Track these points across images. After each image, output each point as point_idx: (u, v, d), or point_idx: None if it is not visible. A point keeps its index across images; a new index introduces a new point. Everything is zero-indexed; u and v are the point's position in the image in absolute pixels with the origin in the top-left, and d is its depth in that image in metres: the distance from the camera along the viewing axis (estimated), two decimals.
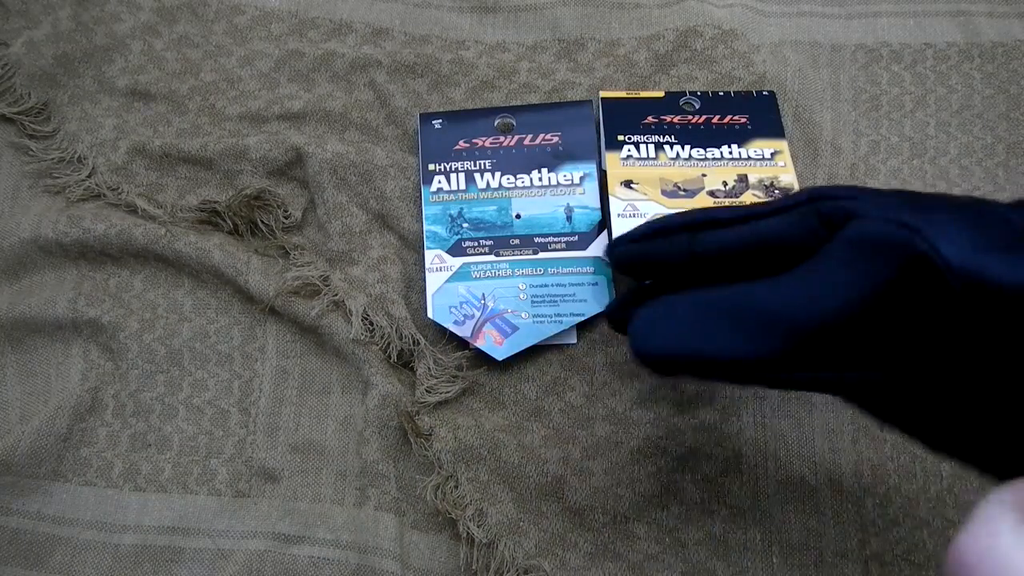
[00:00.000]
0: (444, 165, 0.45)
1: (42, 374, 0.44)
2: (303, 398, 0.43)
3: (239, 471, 0.42)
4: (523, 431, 0.41)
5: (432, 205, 0.45)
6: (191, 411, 0.43)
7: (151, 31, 0.49)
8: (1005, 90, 0.47)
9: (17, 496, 0.42)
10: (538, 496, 0.40)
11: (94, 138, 0.47)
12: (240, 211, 0.45)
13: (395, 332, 0.42)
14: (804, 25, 0.50)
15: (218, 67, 0.49)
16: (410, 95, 0.48)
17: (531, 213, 0.44)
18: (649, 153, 0.45)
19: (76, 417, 0.43)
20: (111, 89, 0.48)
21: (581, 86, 0.48)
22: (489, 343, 0.42)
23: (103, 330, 0.44)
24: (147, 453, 0.43)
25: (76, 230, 0.44)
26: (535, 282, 0.43)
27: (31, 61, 0.47)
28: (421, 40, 0.50)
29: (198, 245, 0.44)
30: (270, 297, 0.43)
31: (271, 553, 0.40)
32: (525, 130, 0.46)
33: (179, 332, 0.44)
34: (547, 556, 0.39)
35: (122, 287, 0.45)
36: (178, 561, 0.40)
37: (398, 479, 0.41)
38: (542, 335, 0.42)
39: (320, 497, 0.41)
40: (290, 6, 0.50)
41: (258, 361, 0.44)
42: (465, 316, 0.42)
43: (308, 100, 0.48)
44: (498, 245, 0.44)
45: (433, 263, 0.43)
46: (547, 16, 0.50)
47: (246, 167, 0.46)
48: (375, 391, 0.42)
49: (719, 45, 0.48)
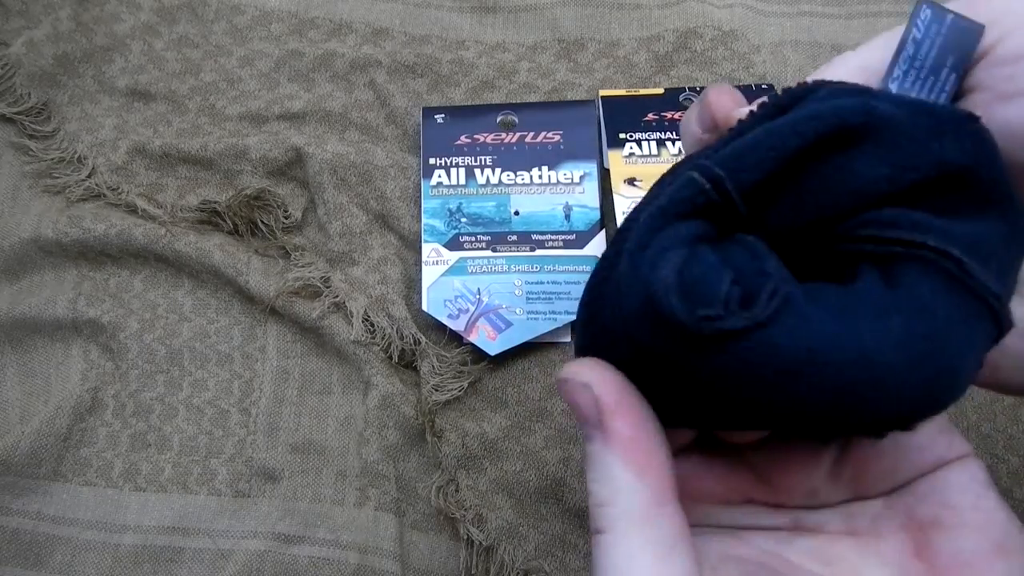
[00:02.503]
0: (445, 160, 0.46)
1: (42, 374, 0.44)
2: (303, 398, 0.43)
3: (239, 471, 0.42)
4: (525, 431, 0.41)
5: (431, 199, 0.45)
6: (191, 411, 0.43)
7: (151, 31, 0.49)
8: None
9: (17, 496, 0.42)
10: (538, 499, 0.40)
11: (94, 138, 0.47)
12: (240, 211, 0.45)
13: (396, 332, 0.42)
14: (804, 25, 0.50)
15: (218, 67, 0.49)
16: (410, 95, 0.48)
17: (530, 210, 0.44)
18: (651, 150, 0.45)
19: (76, 417, 0.43)
20: (111, 89, 0.48)
21: (581, 87, 0.48)
22: (482, 338, 0.42)
23: (103, 330, 0.44)
24: (147, 453, 0.42)
25: (76, 230, 0.44)
26: (531, 279, 0.43)
27: (31, 61, 0.47)
28: (421, 40, 0.50)
29: (198, 245, 0.44)
30: (271, 297, 0.43)
31: (271, 553, 0.40)
32: (527, 127, 0.46)
33: (179, 332, 0.44)
34: (547, 558, 0.39)
35: (122, 287, 0.45)
36: (178, 561, 0.40)
37: (398, 479, 0.41)
38: (536, 332, 0.42)
39: (320, 497, 0.41)
40: (290, 6, 0.51)
41: (258, 361, 0.44)
42: (460, 310, 0.42)
43: (308, 100, 0.48)
44: (495, 241, 0.44)
45: (430, 256, 0.43)
46: (547, 16, 0.50)
47: (246, 167, 0.46)
48: (376, 391, 0.41)
49: (719, 46, 0.48)
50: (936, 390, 0.18)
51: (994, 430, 0.40)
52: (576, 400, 0.20)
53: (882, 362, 0.18)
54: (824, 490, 0.23)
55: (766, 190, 0.20)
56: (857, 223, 0.19)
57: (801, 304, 0.18)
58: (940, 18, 0.21)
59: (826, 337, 0.18)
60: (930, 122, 0.20)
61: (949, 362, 0.18)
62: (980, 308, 0.19)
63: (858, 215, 0.19)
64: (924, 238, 0.19)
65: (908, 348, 0.18)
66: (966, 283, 0.19)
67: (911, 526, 0.22)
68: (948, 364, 0.18)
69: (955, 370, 0.18)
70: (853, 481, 0.23)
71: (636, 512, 0.19)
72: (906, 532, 0.22)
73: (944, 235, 0.19)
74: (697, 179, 0.19)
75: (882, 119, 0.19)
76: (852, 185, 0.19)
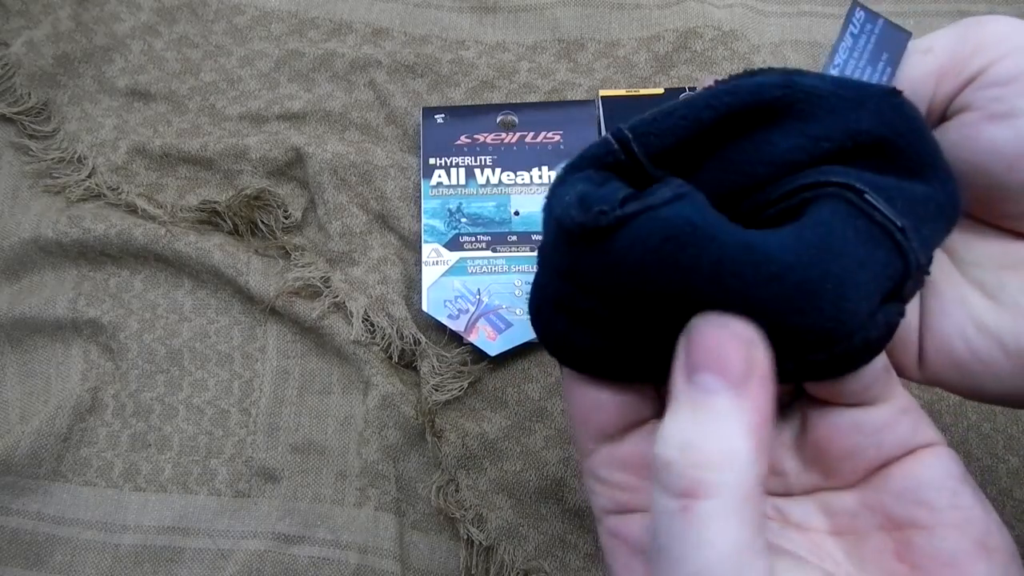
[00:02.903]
0: (445, 160, 0.45)
1: (42, 374, 0.44)
2: (303, 398, 0.43)
3: (239, 471, 0.42)
4: (525, 431, 0.41)
5: (431, 199, 0.45)
6: (191, 411, 0.43)
7: (151, 31, 0.49)
8: None
9: (17, 496, 0.42)
10: (538, 499, 0.40)
11: (94, 138, 0.47)
12: (240, 211, 0.45)
13: (396, 333, 0.42)
14: (804, 25, 0.50)
15: (218, 67, 0.49)
16: (410, 95, 0.48)
17: (530, 210, 0.44)
18: None
19: (76, 417, 0.43)
20: (111, 89, 0.48)
21: (581, 87, 0.48)
22: (482, 338, 0.42)
23: (103, 330, 0.44)
24: (147, 453, 0.42)
25: (76, 230, 0.44)
26: (531, 279, 0.43)
27: (31, 61, 0.47)
28: (421, 40, 0.50)
29: (198, 245, 0.44)
30: (271, 297, 0.43)
31: (271, 553, 0.40)
32: (527, 128, 0.46)
33: (179, 332, 0.44)
34: (547, 558, 0.39)
35: (122, 287, 0.45)
36: (178, 561, 0.40)
37: (398, 479, 0.41)
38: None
39: (320, 497, 0.41)
40: (290, 6, 0.51)
41: (258, 361, 0.44)
42: (460, 311, 0.42)
43: (308, 100, 0.48)
44: (495, 241, 0.44)
45: (430, 257, 0.43)
46: (547, 16, 0.50)
47: (246, 167, 0.46)
48: (375, 391, 0.41)
49: (719, 47, 0.48)
50: (823, 298, 0.18)
51: (994, 430, 0.40)
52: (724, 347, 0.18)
53: (763, 251, 0.18)
54: (793, 472, 0.23)
55: (683, 156, 0.21)
56: (776, 187, 0.20)
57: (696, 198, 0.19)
58: (873, 20, 0.23)
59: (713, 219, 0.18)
60: (851, 94, 0.20)
61: (839, 271, 0.18)
62: (880, 235, 0.19)
63: (771, 184, 0.20)
64: (828, 177, 0.19)
65: (796, 249, 0.18)
66: (864, 210, 0.19)
67: (889, 526, 0.21)
68: (837, 273, 0.18)
69: (843, 282, 0.18)
70: (818, 463, 0.22)
71: (745, 486, 0.17)
72: (886, 532, 0.21)
73: (850, 175, 0.20)
74: (609, 139, 0.21)
75: (803, 91, 0.20)
76: (768, 156, 0.20)
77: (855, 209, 0.19)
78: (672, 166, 0.21)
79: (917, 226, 0.20)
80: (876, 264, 0.19)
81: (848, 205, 0.19)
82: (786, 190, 0.20)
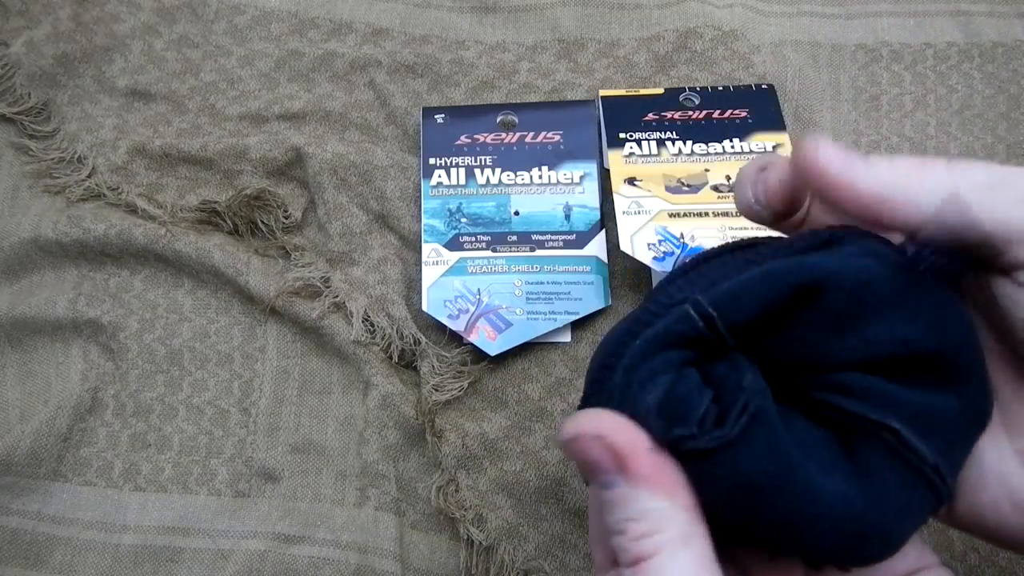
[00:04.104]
0: (445, 160, 0.46)
1: (42, 374, 0.44)
2: (303, 398, 0.43)
3: (239, 471, 0.42)
4: (525, 431, 0.41)
5: (431, 199, 0.45)
6: (191, 411, 0.43)
7: (151, 31, 0.49)
8: (1005, 90, 0.47)
9: (17, 496, 0.42)
10: (538, 499, 0.40)
11: (94, 138, 0.47)
12: (240, 211, 0.45)
13: (396, 332, 0.42)
14: (804, 25, 0.50)
15: (218, 67, 0.49)
16: (410, 95, 0.48)
17: (530, 210, 0.44)
18: (651, 150, 0.45)
19: (76, 417, 0.43)
20: (111, 89, 0.48)
21: (581, 87, 0.48)
22: (482, 338, 0.42)
23: (103, 330, 0.44)
24: (147, 453, 0.42)
25: (76, 230, 0.44)
26: (531, 279, 0.43)
27: (31, 61, 0.47)
28: (421, 40, 0.50)
29: (198, 245, 0.44)
30: (271, 297, 0.43)
31: (271, 553, 0.40)
32: (527, 128, 0.46)
33: (179, 332, 0.44)
34: (547, 558, 0.39)
35: (122, 287, 0.45)
36: (178, 561, 0.40)
37: (398, 479, 0.41)
38: (536, 332, 0.42)
39: (320, 497, 0.41)
40: (290, 6, 0.51)
41: (258, 361, 0.44)
42: (460, 311, 0.42)
43: (308, 100, 0.48)
44: (495, 241, 0.44)
45: (430, 257, 0.43)
46: (547, 16, 0.50)
47: (246, 167, 0.46)
48: (375, 391, 0.41)
49: (719, 46, 0.48)
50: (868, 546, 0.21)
51: None
52: (590, 455, 0.20)
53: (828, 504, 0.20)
54: None
55: (756, 326, 0.22)
56: (820, 383, 0.22)
57: (769, 423, 0.20)
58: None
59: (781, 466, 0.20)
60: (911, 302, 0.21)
61: (886, 523, 0.20)
62: (916, 479, 0.21)
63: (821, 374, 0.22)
64: (866, 411, 0.21)
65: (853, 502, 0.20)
66: (902, 454, 0.21)
67: None
68: (884, 524, 0.20)
69: (890, 531, 0.21)
70: None
71: (679, 532, 0.20)
72: None
73: (888, 405, 0.21)
74: (692, 316, 0.22)
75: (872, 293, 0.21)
76: (823, 347, 0.22)
77: (894, 453, 0.21)
78: (744, 332, 0.22)
79: (950, 451, 0.21)
80: (914, 507, 0.21)
81: (887, 448, 0.21)
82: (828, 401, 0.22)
